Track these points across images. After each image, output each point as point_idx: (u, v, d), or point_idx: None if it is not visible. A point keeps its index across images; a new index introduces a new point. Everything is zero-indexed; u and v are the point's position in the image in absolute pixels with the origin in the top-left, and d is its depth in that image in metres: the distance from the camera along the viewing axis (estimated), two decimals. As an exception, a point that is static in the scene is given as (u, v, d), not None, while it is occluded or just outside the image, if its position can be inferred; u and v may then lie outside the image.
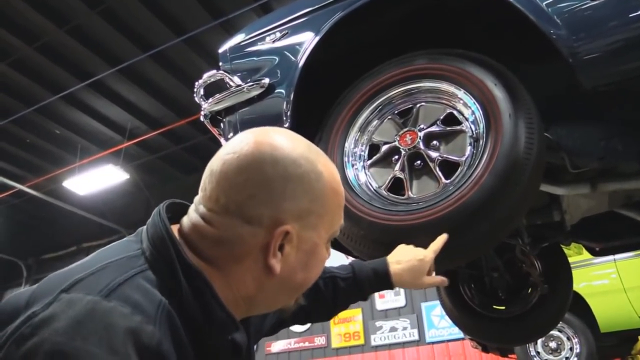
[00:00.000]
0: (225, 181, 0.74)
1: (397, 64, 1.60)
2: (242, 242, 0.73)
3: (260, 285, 0.76)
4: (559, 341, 4.67)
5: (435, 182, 1.43)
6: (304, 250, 0.78)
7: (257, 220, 0.73)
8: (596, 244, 2.74)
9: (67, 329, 0.59)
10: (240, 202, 0.73)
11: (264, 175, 0.73)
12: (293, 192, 0.74)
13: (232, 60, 1.88)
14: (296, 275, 0.79)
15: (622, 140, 1.63)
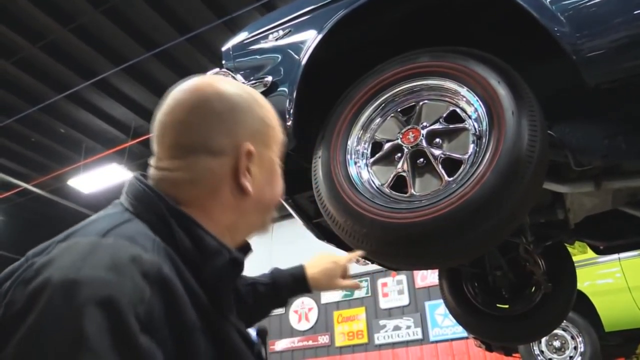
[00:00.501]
0: (180, 125, 0.80)
1: (400, 61, 1.60)
2: (213, 174, 0.79)
3: (239, 210, 0.82)
4: (563, 340, 4.66)
5: (438, 179, 1.43)
6: (266, 168, 0.86)
7: (220, 150, 0.79)
8: (600, 243, 2.73)
9: (72, 263, 0.60)
10: (201, 139, 0.79)
11: (215, 110, 0.81)
12: (243, 118, 0.83)
13: (235, 58, 1.88)
14: (265, 192, 0.86)
15: (625, 138, 1.62)
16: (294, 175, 1.93)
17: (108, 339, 0.54)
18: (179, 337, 0.63)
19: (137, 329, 0.56)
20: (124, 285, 0.58)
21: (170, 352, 0.60)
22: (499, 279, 2.61)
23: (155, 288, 0.61)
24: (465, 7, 1.72)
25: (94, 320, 0.54)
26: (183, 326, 0.64)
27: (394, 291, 8.94)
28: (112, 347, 0.54)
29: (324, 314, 9.48)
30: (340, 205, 1.47)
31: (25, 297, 0.58)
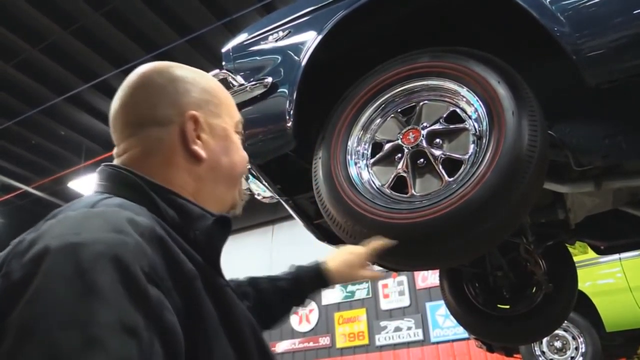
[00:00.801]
0: (127, 106, 0.85)
1: (400, 62, 1.60)
2: (162, 143, 0.83)
3: (197, 177, 0.85)
4: (564, 341, 4.66)
5: (438, 180, 1.43)
6: (218, 135, 0.89)
7: (167, 120, 0.84)
8: (601, 243, 2.72)
9: (69, 229, 0.60)
10: (147, 113, 0.84)
11: (156, 83, 0.86)
12: (185, 89, 0.87)
13: (235, 59, 1.88)
14: (221, 160, 0.89)
15: (626, 137, 1.62)
16: (294, 176, 1.94)
17: (120, 290, 0.54)
18: (183, 288, 0.64)
19: (145, 280, 0.57)
20: (126, 243, 0.59)
21: (177, 303, 0.61)
22: (499, 279, 2.61)
23: (153, 245, 0.62)
24: (465, 8, 1.72)
25: (103, 274, 0.54)
26: (184, 277, 0.65)
27: (394, 292, 8.93)
28: (124, 297, 0.54)
29: (324, 316, 9.47)
30: (340, 206, 1.47)
31: (24, 266, 0.57)
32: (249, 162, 1.81)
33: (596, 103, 1.61)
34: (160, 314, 0.57)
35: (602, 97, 1.56)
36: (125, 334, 0.52)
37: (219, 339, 0.67)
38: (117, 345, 0.51)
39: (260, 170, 1.85)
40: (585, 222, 2.30)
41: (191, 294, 0.64)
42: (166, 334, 0.57)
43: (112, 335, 0.51)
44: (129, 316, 0.53)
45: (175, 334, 0.58)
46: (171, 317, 0.59)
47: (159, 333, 0.56)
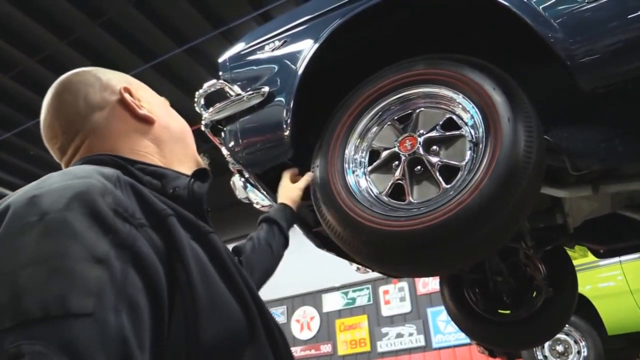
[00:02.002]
0: (60, 110, 0.88)
1: (396, 70, 1.61)
2: (110, 121, 0.87)
3: (156, 138, 0.89)
4: (566, 344, 4.65)
5: (436, 187, 1.43)
6: (157, 103, 0.96)
7: (104, 102, 0.88)
8: (600, 246, 2.73)
9: (30, 187, 0.59)
10: (82, 105, 0.87)
11: (77, 80, 0.90)
12: (106, 77, 0.92)
13: (232, 69, 1.88)
14: (169, 122, 0.95)
15: (622, 141, 1.62)
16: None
17: (86, 224, 0.53)
18: (158, 225, 0.62)
19: (112, 215, 0.56)
20: (91, 184, 0.58)
21: (154, 239, 0.60)
22: (499, 285, 2.61)
23: (121, 188, 0.61)
24: (460, 16, 1.73)
25: (67, 212, 0.53)
26: (157, 215, 0.63)
27: (395, 298, 8.92)
28: (91, 230, 0.53)
29: (326, 323, 9.45)
30: (338, 214, 1.47)
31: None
32: (248, 170, 1.83)
33: (592, 107, 1.62)
34: (132, 245, 0.55)
35: (598, 101, 1.56)
36: (93, 263, 0.50)
37: (208, 274, 0.65)
38: (85, 272, 0.49)
39: (259, 178, 1.85)
40: (584, 226, 2.30)
41: (167, 230, 0.63)
42: (142, 264, 0.55)
43: (79, 265, 0.49)
44: (97, 247, 0.52)
45: (151, 264, 0.56)
46: (146, 249, 0.57)
47: (132, 263, 0.54)
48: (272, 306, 10.02)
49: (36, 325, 0.46)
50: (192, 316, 0.58)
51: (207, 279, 0.64)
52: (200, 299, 0.60)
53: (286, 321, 9.82)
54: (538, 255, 2.43)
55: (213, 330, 0.60)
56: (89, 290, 0.49)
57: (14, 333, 0.45)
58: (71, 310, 0.47)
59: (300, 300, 9.87)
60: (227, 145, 1.82)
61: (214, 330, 0.60)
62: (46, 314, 0.46)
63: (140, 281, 0.54)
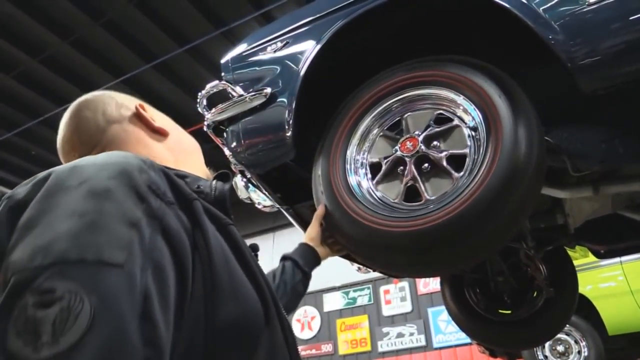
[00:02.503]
0: (81, 125, 0.93)
1: (396, 71, 1.61)
2: (128, 132, 0.93)
3: (171, 149, 0.95)
4: (566, 345, 4.65)
5: (448, 179, 1.44)
6: (166, 121, 1.01)
7: (120, 117, 0.94)
8: (601, 247, 2.73)
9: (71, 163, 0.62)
10: (101, 119, 0.93)
11: (94, 100, 0.96)
12: (119, 96, 0.99)
13: (234, 70, 1.89)
14: (180, 136, 1.01)
15: (623, 142, 1.63)
16: (294, 185, 1.95)
17: (123, 191, 0.57)
18: (185, 207, 0.65)
19: (147, 190, 0.59)
20: (129, 162, 0.61)
21: (182, 218, 0.63)
22: (500, 285, 2.62)
23: (152, 169, 0.64)
24: (460, 16, 1.73)
25: (107, 180, 0.57)
26: (185, 198, 0.67)
27: (396, 298, 8.93)
28: (127, 197, 0.56)
29: (326, 322, 9.46)
30: (339, 214, 1.48)
31: (27, 187, 0.59)
32: (250, 171, 1.84)
33: (593, 108, 1.63)
34: (162, 217, 0.59)
35: (599, 102, 1.57)
36: (127, 225, 0.54)
37: (228, 259, 0.68)
38: (120, 230, 0.53)
39: (261, 179, 1.86)
40: (584, 226, 2.31)
41: (192, 211, 0.66)
42: (169, 235, 0.59)
43: (114, 223, 0.53)
44: (132, 212, 0.55)
45: (178, 237, 0.60)
46: (174, 223, 0.60)
47: (161, 232, 0.58)
48: (273, 306, 10.03)
49: (70, 266, 0.49)
50: (211, 293, 0.61)
51: (228, 264, 0.67)
52: (220, 278, 0.63)
53: (287, 321, 9.83)
54: (539, 255, 2.43)
55: (231, 309, 0.63)
56: (121, 245, 0.52)
57: (49, 270, 0.48)
58: (104, 258, 0.50)
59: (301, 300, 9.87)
60: (229, 145, 1.83)
61: (232, 309, 0.63)
62: (81, 258, 0.50)
63: (167, 250, 0.57)
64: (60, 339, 0.44)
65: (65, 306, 0.46)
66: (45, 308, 0.46)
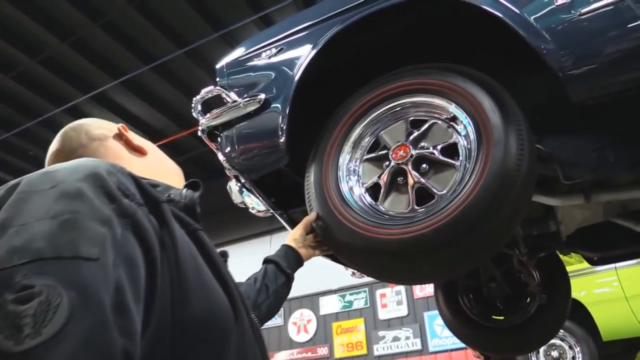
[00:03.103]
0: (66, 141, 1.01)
1: (388, 79, 1.63)
2: (108, 148, 0.99)
3: (148, 167, 0.99)
4: (561, 350, 4.66)
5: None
6: (143, 141, 1.06)
7: (103, 136, 1.01)
8: (594, 254, 2.74)
9: (47, 168, 0.64)
10: (84, 137, 1.00)
11: (80, 123, 1.04)
12: (99, 121, 1.06)
13: (229, 75, 1.90)
14: (159, 157, 1.06)
15: (613, 151, 1.64)
16: (288, 190, 1.96)
17: (94, 192, 0.58)
18: (153, 208, 0.67)
19: (117, 190, 0.61)
20: (98, 164, 0.63)
21: (151, 219, 0.65)
22: (493, 291, 2.62)
23: (121, 173, 0.66)
24: (456, 25, 1.74)
25: (78, 182, 0.58)
26: (153, 200, 0.68)
27: (392, 302, 8.93)
28: (98, 197, 0.58)
29: (323, 326, 9.46)
30: (331, 220, 1.49)
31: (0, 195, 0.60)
32: (244, 176, 1.85)
33: (584, 117, 1.64)
34: (132, 214, 0.61)
35: (590, 111, 1.58)
36: (98, 222, 0.55)
37: (197, 260, 0.70)
38: (93, 228, 0.54)
39: (254, 184, 1.87)
40: (577, 234, 2.32)
41: (160, 213, 0.68)
42: (140, 231, 0.60)
43: (87, 221, 0.54)
44: (102, 211, 0.57)
45: (148, 232, 0.61)
46: (145, 221, 0.62)
47: (132, 229, 0.59)
48: (269, 308, 10.03)
49: (47, 263, 0.50)
50: (178, 291, 0.63)
51: (196, 265, 0.69)
52: (188, 277, 0.65)
53: (283, 323, 9.83)
54: (532, 262, 2.44)
55: (199, 306, 0.65)
56: (95, 241, 0.54)
57: (26, 268, 0.49)
58: (80, 254, 0.52)
59: (297, 303, 9.87)
60: (223, 151, 1.84)
61: (199, 306, 0.65)
62: (57, 254, 0.51)
63: (139, 246, 0.59)
64: (42, 330, 0.45)
65: (44, 300, 0.47)
66: (24, 303, 0.46)
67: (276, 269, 1.52)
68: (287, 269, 1.53)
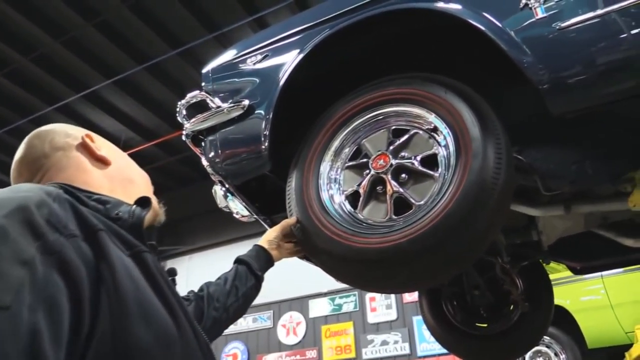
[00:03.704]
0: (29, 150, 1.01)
1: (371, 88, 1.64)
2: (70, 159, 0.99)
3: (110, 177, 1.01)
4: (546, 357, 4.69)
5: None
6: (115, 151, 1.09)
7: (67, 145, 1.01)
8: (577, 263, 2.76)
9: None
10: (48, 146, 1.00)
11: (46, 130, 1.04)
12: (69, 127, 1.07)
13: (214, 81, 1.91)
14: (124, 166, 1.08)
15: (592, 164, 1.66)
16: (272, 196, 1.96)
17: (18, 230, 0.59)
18: (89, 238, 0.68)
19: (45, 224, 0.62)
20: (30, 197, 0.64)
21: (84, 250, 0.66)
22: (477, 298, 2.64)
23: (59, 203, 0.67)
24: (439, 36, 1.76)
25: (7, 217, 0.59)
26: (89, 229, 0.69)
27: (382, 306, 8.94)
28: (22, 235, 0.59)
29: (312, 329, 9.45)
30: (310, 227, 1.50)
31: None
32: (227, 182, 1.85)
33: (564, 130, 1.65)
34: (58, 251, 0.61)
35: (570, 124, 1.60)
36: (18, 264, 0.56)
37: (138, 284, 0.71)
38: (9, 271, 0.55)
39: (238, 190, 1.87)
40: (559, 243, 2.34)
41: (97, 241, 0.69)
42: (66, 268, 0.61)
43: (4, 264, 0.55)
44: (25, 251, 0.58)
45: (75, 269, 0.62)
46: (73, 256, 0.63)
47: (57, 267, 0.60)
48: (258, 310, 10.02)
49: None
50: (119, 319, 0.64)
51: (138, 290, 0.70)
52: (129, 305, 0.66)
53: (272, 326, 9.82)
54: (515, 270, 2.46)
55: (141, 331, 0.66)
56: (9, 287, 0.54)
57: None
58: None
59: (287, 306, 9.86)
60: (207, 155, 1.84)
61: (141, 332, 0.67)
62: None
63: (63, 283, 0.60)
64: None
65: None
66: None
67: (247, 272, 1.52)
68: (258, 270, 1.53)
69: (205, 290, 1.42)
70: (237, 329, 10.07)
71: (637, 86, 1.34)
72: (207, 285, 1.45)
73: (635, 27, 1.32)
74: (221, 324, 1.41)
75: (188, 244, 11.79)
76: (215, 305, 1.39)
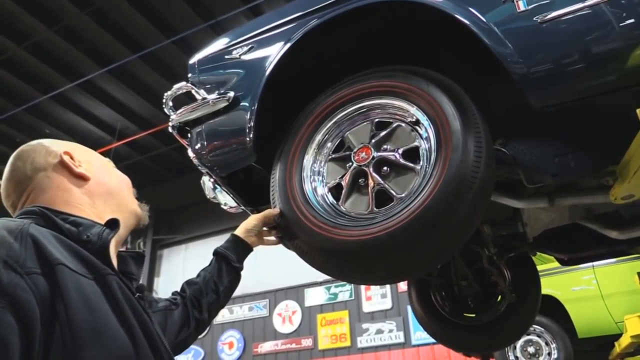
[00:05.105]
0: (13, 173, 1.06)
1: (354, 81, 1.64)
2: (51, 179, 1.04)
3: (90, 193, 1.06)
4: (537, 346, 4.72)
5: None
6: (96, 164, 1.14)
7: (47, 164, 1.06)
8: (563, 255, 2.79)
9: None
10: (29, 167, 1.05)
11: (27, 150, 1.09)
12: (50, 144, 1.11)
13: (200, 72, 1.91)
14: (105, 179, 1.12)
15: (575, 157, 1.67)
16: (259, 187, 1.97)
17: None
18: (48, 272, 0.74)
19: (1, 266, 0.68)
20: None
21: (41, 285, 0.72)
22: (465, 289, 2.67)
23: (21, 241, 0.73)
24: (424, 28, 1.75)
25: None
26: (49, 264, 0.75)
27: (377, 295, 8.99)
28: None
29: (307, 317, 9.51)
30: (292, 219, 1.51)
31: None
32: (214, 173, 1.86)
33: (547, 123, 1.66)
34: (12, 293, 0.67)
35: (552, 118, 1.60)
36: None
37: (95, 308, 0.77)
38: None
39: (224, 181, 1.87)
40: (545, 235, 2.35)
41: (54, 276, 0.75)
42: (18, 307, 0.67)
43: None
44: None
45: (28, 308, 0.68)
46: (25, 296, 0.69)
47: (9, 308, 0.66)
48: (254, 299, 10.07)
49: None
50: (72, 349, 0.70)
51: (94, 312, 0.76)
52: (80, 329, 0.72)
53: (268, 314, 9.88)
54: (502, 261, 2.48)
55: (95, 352, 0.73)
56: None
57: None
58: None
59: (282, 294, 9.92)
60: (193, 147, 1.84)
61: (95, 352, 0.73)
62: None
63: (15, 322, 0.65)
64: None
65: None
66: None
67: (227, 267, 1.54)
68: (236, 262, 1.56)
69: (187, 292, 1.47)
70: (233, 318, 10.13)
71: (617, 80, 1.35)
72: (188, 286, 1.49)
73: (614, 21, 1.32)
74: (205, 323, 1.47)
75: (184, 233, 11.82)
76: (198, 307, 1.45)
